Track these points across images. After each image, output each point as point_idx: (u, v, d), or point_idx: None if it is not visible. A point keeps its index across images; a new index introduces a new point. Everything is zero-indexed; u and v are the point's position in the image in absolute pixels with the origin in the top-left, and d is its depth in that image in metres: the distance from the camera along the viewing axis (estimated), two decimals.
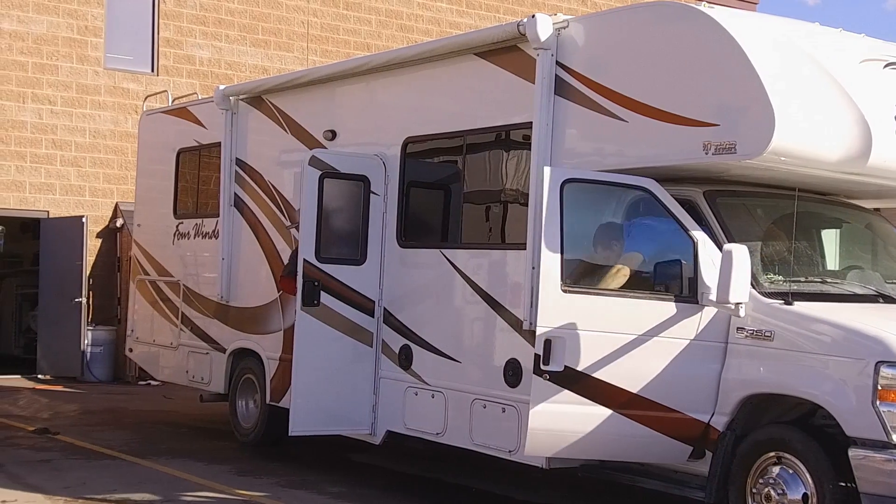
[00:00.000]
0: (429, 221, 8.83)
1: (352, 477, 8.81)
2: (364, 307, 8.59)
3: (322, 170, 8.43)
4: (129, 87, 16.31)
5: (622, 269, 6.49)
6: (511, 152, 7.95)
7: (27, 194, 15.61)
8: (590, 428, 6.37)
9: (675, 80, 6.66)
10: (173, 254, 11.30)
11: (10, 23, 15.51)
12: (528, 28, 7.25)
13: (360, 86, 9.18)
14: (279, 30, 17.61)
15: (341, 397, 8.48)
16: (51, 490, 7.88)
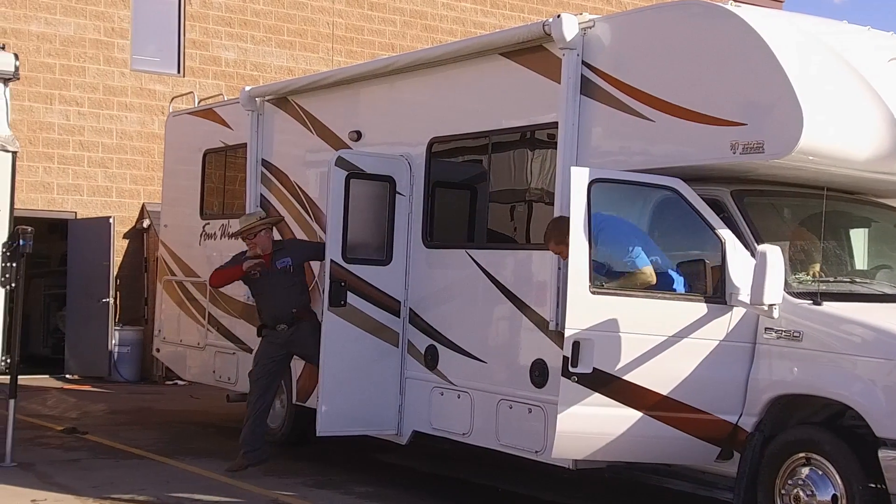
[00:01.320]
0: (454, 222, 8.83)
1: (378, 477, 8.83)
2: (390, 307, 8.60)
3: (348, 170, 8.44)
4: (155, 89, 16.40)
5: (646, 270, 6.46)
6: (536, 152, 7.94)
7: (55, 195, 15.73)
8: (618, 430, 6.35)
9: (702, 80, 6.63)
10: (200, 254, 11.34)
11: (37, 25, 15.63)
12: (554, 28, 7.23)
13: (386, 86, 9.19)
14: (304, 31, 17.66)
15: (367, 397, 8.49)
16: (80, 489, 7.94)
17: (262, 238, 8.78)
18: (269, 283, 8.75)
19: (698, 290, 6.47)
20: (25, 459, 8.92)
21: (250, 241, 8.76)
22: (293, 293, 8.80)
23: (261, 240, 8.77)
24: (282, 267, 8.78)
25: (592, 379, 6.27)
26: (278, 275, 8.76)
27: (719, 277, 6.42)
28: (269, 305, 8.85)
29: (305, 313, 8.84)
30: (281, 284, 8.74)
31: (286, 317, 8.79)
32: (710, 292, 6.42)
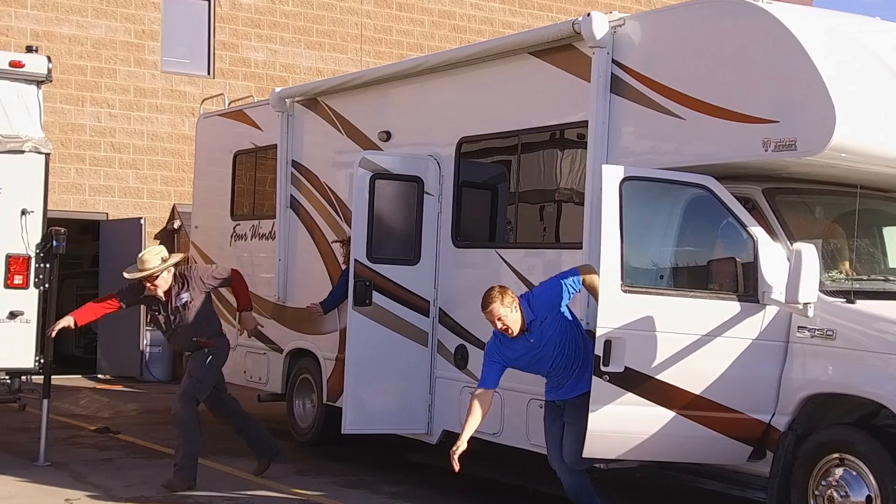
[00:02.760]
0: (483, 221, 8.82)
1: (409, 477, 8.84)
2: (419, 307, 8.61)
3: (372, 171, 8.46)
4: (185, 90, 16.51)
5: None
6: (566, 151, 7.92)
7: (87, 196, 15.86)
8: (650, 429, 6.32)
9: (734, 77, 6.59)
10: (230, 255, 11.39)
11: (69, 27, 15.77)
12: (584, 26, 7.21)
13: (415, 87, 9.20)
14: (333, 31, 17.72)
15: (397, 397, 8.51)
16: (112, 489, 8.00)
17: (161, 280, 8.27)
18: (170, 319, 8.42)
19: (729, 288, 6.44)
20: (59, 459, 9.00)
21: (150, 283, 8.29)
22: (195, 324, 8.39)
23: (161, 282, 8.28)
24: (181, 303, 8.34)
25: (624, 378, 6.25)
26: (179, 310, 8.37)
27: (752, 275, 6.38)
28: (173, 338, 8.62)
29: (209, 340, 8.46)
30: (182, 318, 8.38)
31: (188, 346, 8.60)
32: (743, 291, 6.38)
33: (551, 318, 6.63)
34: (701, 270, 6.62)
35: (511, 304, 6.58)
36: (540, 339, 6.64)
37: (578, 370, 6.64)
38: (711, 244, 6.73)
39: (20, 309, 8.81)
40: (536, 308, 6.67)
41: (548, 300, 6.66)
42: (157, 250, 8.37)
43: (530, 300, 6.72)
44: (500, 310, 6.54)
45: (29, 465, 8.75)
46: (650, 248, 6.64)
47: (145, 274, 8.18)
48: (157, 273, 8.20)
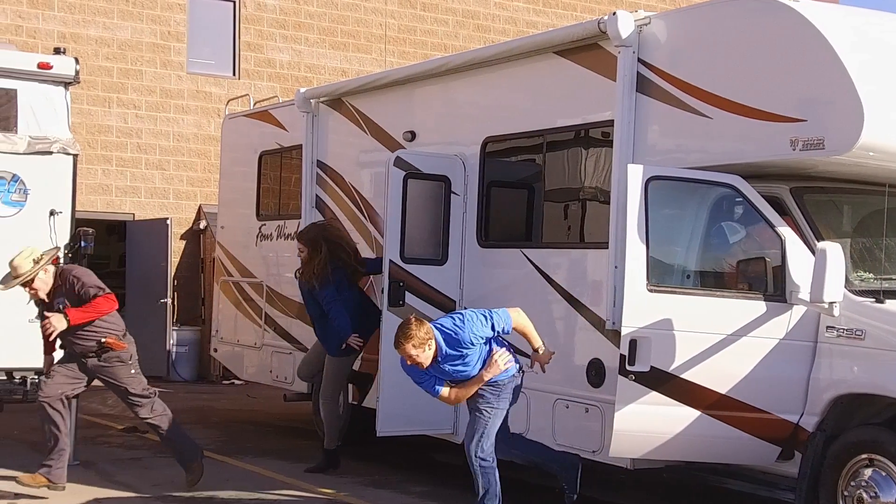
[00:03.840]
0: (509, 221, 8.82)
1: (435, 476, 8.85)
2: (446, 307, 8.60)
3: (406, 170, 8.47)
4: (211, 91, 16.59)
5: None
6: (591, 150, 7.91)
7: (113, 197, 15.97)
8: (676, 429, 6.30)
9: (761, 76, 6.56)
10: (256, 255, 11.45)
11: (95, 29, 15.88)
12: (610, 25, 7.20)
13: (440, 86, 9.20)
14: (357, 32, 17.75)
15: (424, 398, 8.44)
16: (141, 488, 8.05)
17: (40, 283, 7.77)
18: None
19: (757, 288, 6.42)
20: (88, 458, 9.06)
21: (29, 288, 7.81)
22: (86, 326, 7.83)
23: (40, 284, 7.78)
24: (59, 306, 7.83)
25: (650, 377, 6.23)
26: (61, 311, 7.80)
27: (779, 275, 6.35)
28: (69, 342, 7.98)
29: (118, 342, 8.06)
30: None
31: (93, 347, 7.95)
32: (770, 290, 6.35)
33: (467, 352, 6.71)
34: (727, 270, 6.58)
35: (423, 343, 6.59)
36: (452, 366, 6.78)
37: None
38: (738, 244, 6.70)
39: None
40: (453, 343, 6.67)
41: (467, 339, 6.66)
42: (28, 252, 7.74)
43: (450, 337, 6.66)
44: (411, 350, 6.60)
45: None
46: (676, 248, 6.61)
47: (20, 280, 7.68)
48: (33, 276, 7.68)
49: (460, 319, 6.72)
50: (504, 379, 6.86)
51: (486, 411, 6.82)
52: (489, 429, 6.82)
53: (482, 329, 6.68)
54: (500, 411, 6.88)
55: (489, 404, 6.83)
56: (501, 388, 6.86)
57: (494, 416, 6.85)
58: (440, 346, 6.65)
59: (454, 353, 6.69)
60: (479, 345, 6.75)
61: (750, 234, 6.62)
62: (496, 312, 6.75)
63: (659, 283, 6.32)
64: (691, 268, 6.66)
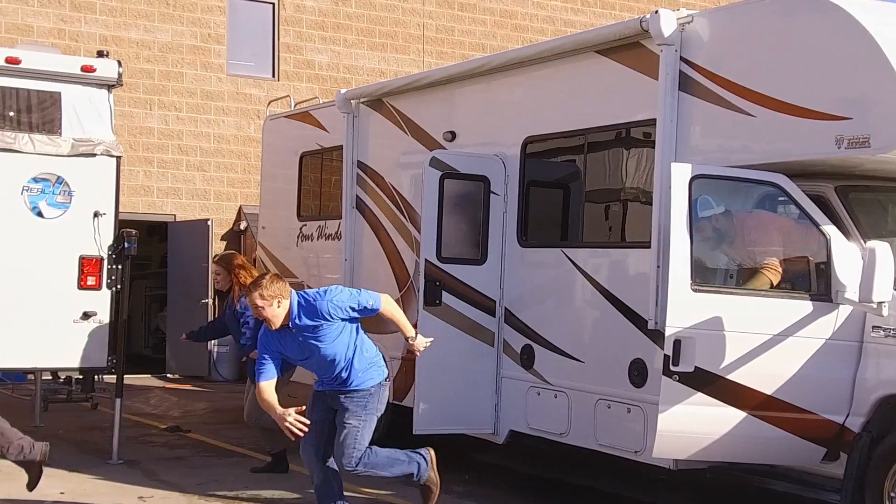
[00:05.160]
0: (549, 221, 8.80)
1: (476, 476, 8.84)
2: (485, 307, 8.61)
3: (442, 170, 8.48)
4: (251, 93, 16.70)
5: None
6: (633, 150, 7.88)
7: (155, 198, 16.11)
8: (721, 430, 6.26)
9: (805, 74, 6.50)
10: (297, 255, 11.49)
11: (136, 32, 16.03)
12: (652, 24, 7.16)
13: (480, 86, 9.20)
14: (395, 32, 17.80)
15: (463, 397, 8.52)
16: (185, 487, 8.10)
17: None
18: None
19: (802, 287, 6.36)
20: (132, 457, 9.14)
21: None
22: None
23: None
24: None
25: (694, 378, 6.19)
26: None
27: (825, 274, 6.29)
28: None
29: None
30: None
31: None
32: (816, 290, 6.30)
33: (324, 326, 6.45)
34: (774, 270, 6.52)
35: (272, 297, 6.33)
36: (305, 339, 6.48)
37: (347, 372, 6.59)
38: (783, 243, 6.65)
39: (93, 310, 8.98)
40: (310, 312, 6.44)
41: (325, 309, 6.43)
42: None
43: (307, 303, 6.45)
44: (258, 300, 6.33)
45: (103, 464, 8.90)
46: (720, 247, 6.57)
47: None
48: None
49: (324, 290, 6.51)
50: (368, 387, 6.62)
51: (355, 426, 6.61)
52: (359, 441, 6.62)
53: (346, 301, 6.43)
54: (368, 422, 6.66)
55: (357, 418, 6.61)
56: (367, 398, 6.64)
57: (363, 429, 6.64)
58: (293, 311, 6.38)
59: (309, 324, 6.41)
60: (339, 321, 6.44)
61: (795, 233, 6.56)
62: (366, 291, 6.58)
63: (703, 283, 6.28)
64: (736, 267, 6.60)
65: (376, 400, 6.70)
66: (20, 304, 8.75)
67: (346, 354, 6.57)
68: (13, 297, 8.74)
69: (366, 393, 6.64)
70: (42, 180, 8.89)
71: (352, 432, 6.59)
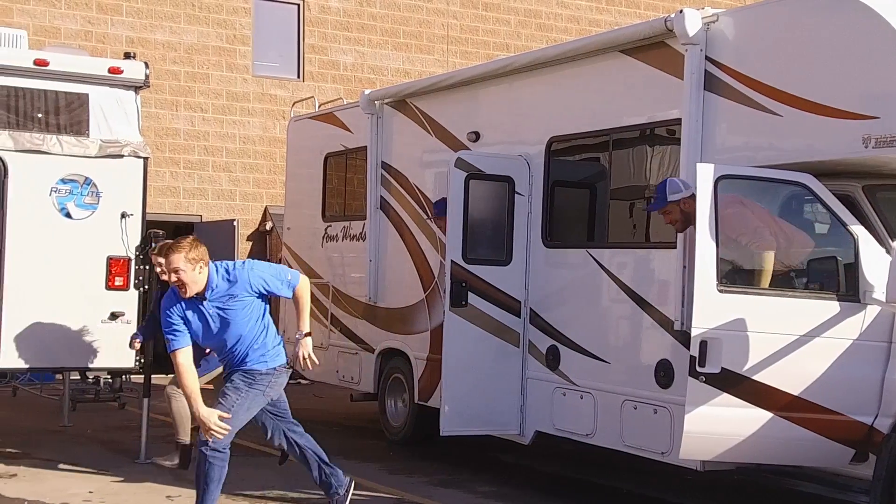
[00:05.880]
0: (574, 221, 8.79)
1: (501, 477, 8.84)
2: (510, 307, 8.61)
3: (467, 171, 8.48)
4: (276, 94, 16.76)
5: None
6: (658, 149, 7.86)
7: (181, 199, 16.20)
8: (748, 431, 6.23)
9: (832, 73, 6.46)
10: (322, 256, 11.53)
11: (162, 34, 16.12)
12: (676, 23, 7.15)
13: (504, 87, 9.20)
14: (420, 33, 17.82)
15: (490, 397, 8.52)
16: None
17: None
18: None
19: (829, 287, 6.33)
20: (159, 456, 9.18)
21: None
22: None
23: None
24: None
25: (721, 379, 6.16)
26: None
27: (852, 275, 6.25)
28: None
29: None
30: None
31: None
32: (843, 290, 6.26)
33: (239, 298, 6.21)
34: (799, 269, 6.49)
35: (195, 261, 6.11)
36: (216, 312, 6.23)
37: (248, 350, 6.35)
38: (810, 243, 6.61)
39: (121, 310, 9.04)
40: (232, 281, 6.20)
41: (245, 280, 6.20)
42: None
43: (228, 272, 6.24)
44: (180, 262, 6.07)
45: (130, 463, 8.95)
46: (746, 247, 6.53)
47: None
48: None
49: (243, 262, 6.35)
50: (263, 369, 6.36)
51: (234, 398, 6.27)
52: (234, 418, 6.23)
53: (266, 271, 6.26)
54: (248, 400, 6.31)
55: (237, 391, 6.29)
56: (255, 378, 6.35)
57: (240, 406, 6.28)
58: (211, 279, 6.16)
59: (225, 295, 6.19)
60: (254, 296, 6.23)
61: (821, 233, 6.52)
62: (286, 267, 6.39)
63: (729, 284, 6.25)
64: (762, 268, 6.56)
65: (265, 383, 6.39)
66: (48, 304, 8.82)
67: (252, 333, 6.32)
68: (42, 297, 8.81)
69: (258, 373, 6.36)
70: (70, 181, 8.96)
71: (225, 406, 6.22)
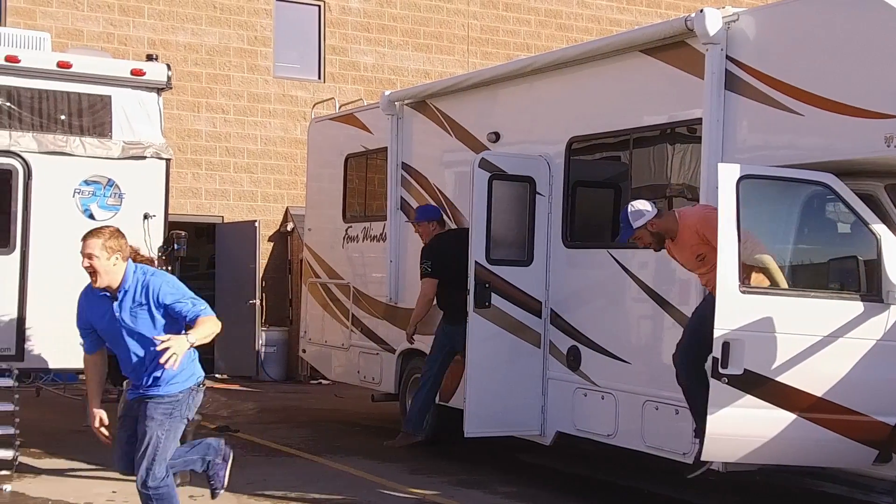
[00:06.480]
0: (595, 221, 8.78)
1: (522, 477, 8.85)
2: (531, 308, 8.61)
3: (491, 172, 8.49)
4: (297, 95, 16.81)
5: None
6: (678, 149, 7.84)
7: (203, 200, 16.26)
8: (770, 432, 6.20)
9: (854, 72, 6.43)
10: (343, 256, 11.57)
11: (184, 35, 16.19)
12: (697, 23, 7.13)
13: (524, 87, 9.20)
14: (440, 33, 17.82)
15: (511, 398, 8.52)
16: (235, 486, 8.13)
17: None
18: None
19: (851, 287, 6.30)
20: None
21: None
22: None
23: None
24: None
25: (743, 380, 6.14)
26: None
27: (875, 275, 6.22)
28: None
29: None
30: None
31: None
32: (866, 290, 6.23)
33: (148, 308, 5.76)
34: (821, 270, 6.48)
35: (111, 250, 5.73)
36: (122, 315, 5.80)
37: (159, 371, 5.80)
38: (832, 243, 6.59)
39: None
40: (142, 285, 5.77)
41: (157, 289, 5.75)
42: None
43: (144, 276, 5.80)
44: (94, 247, 5.71)
45: None
46: (768, 247, 6.51)
47: None
48: None
49: (164, 275, 5.91)
50: (176, 392, 5.89)
51: (158, 434, 5.84)
52: (161, 453, 5.84)
53: (174, 290, 5.75)
54: (173, 431, 5.93)
55: (161, 426, 5.85)
56: (175, 405, 5.89)
57: (167, 439, 5.89)
58: (126, 276, 5.76)
59: (136, 299, 5.76)
60: (155, 311, 5.73)
61: (844, 233, 6.49)
62: (202, 302, 5.80)
63: (752, 284, 6.23)
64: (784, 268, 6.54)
65: (185, 406, 5.94)
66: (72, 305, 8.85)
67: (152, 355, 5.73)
68: (65, 298, 8.83)
69: (173, 399, 5.89)
70: (93, 183, 9.01)
71: (153, 443, 5.82)
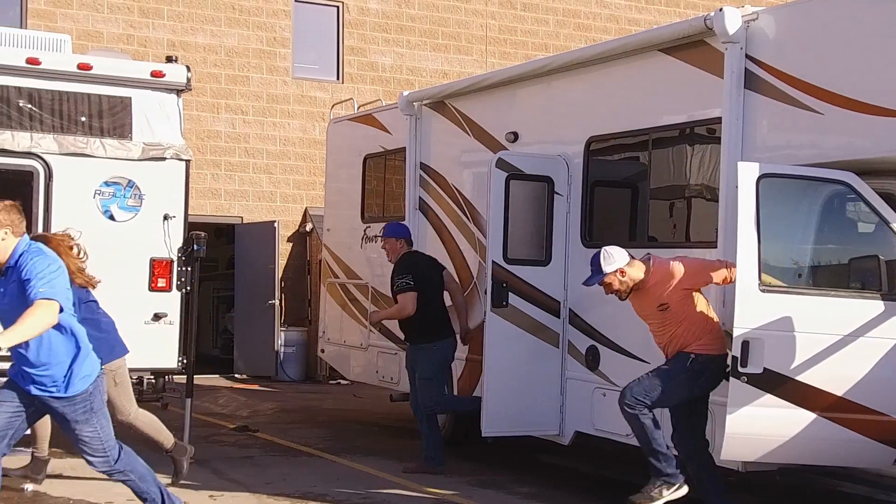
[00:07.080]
0: (613, 221, 8.76)
1: (541, 477, 8.84)
2: (550, 308, 8.60)
3: (508, 171, 8.48)
4: (315, 96, 16.84)
5: None
6: (698, 148, 7.81)
7: (222, 201, 16.32)
8: (790, 432, 6.18)
9: (874, 70, 6.40)
10: (361, 257, 11.58)
11: (203, 37, 16.25)
12: (716, 22, 7.11)
13: (542, 87, 9.19)
14: (458, 34, 17.83)
15: (529, 398, 8.52)
16: (254, 486, 8.20)
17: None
18: None
19: (872, 287, 6.27)
20: (201, 456, 9.24)
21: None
22: None
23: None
24: None
25: (763, 379, 6.13)
26: None
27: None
28: None
29: None
30: None
31: None
32: (887, 289, 6.19)
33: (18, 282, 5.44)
34: (842, 269, 6.45)
35: (4, 225, 5.50)
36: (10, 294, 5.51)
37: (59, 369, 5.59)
38: (853, 242, 6.56)
39: (164, 311, 9.13)
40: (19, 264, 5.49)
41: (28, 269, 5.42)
42: None
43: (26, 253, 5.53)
44: None
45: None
46: (788, 247, 6.49)
47: None
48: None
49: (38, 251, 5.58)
50: (85, 389, 5.66)
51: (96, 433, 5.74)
52: (108, 441, 5.80)
53: (39, 269, 5.42)
54: (102, 418, 5.77)
55: (91, 425, 5.71)
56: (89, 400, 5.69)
57: (103, 428, 5.78)
58: (15, 251, 5.52)
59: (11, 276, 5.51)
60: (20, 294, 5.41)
61: (864, 232, 6.46)
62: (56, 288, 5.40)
63: (771, 283, 6.21)
64: (804, 267, 6.53)
65: (99, 395, 5.74)
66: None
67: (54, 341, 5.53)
68: None
69: (86, 395, 5.68)
70: (113, 184, 9.07)
71: (94, 440, 5.74)
